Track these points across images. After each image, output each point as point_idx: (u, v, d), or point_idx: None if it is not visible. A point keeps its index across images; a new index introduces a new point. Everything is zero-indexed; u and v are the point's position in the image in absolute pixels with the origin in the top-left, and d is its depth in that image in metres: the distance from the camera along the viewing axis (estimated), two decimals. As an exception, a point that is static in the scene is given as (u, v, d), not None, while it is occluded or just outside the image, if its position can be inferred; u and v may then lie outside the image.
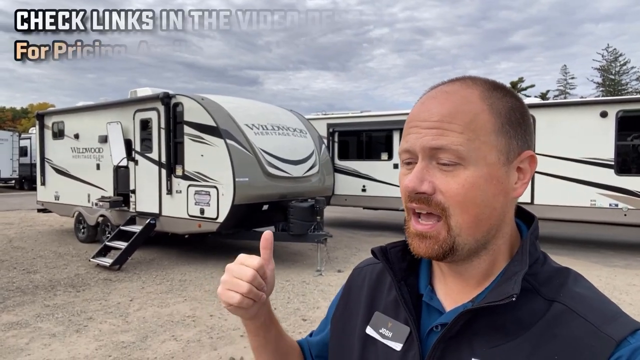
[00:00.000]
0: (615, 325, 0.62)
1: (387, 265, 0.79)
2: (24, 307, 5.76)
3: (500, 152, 0.68)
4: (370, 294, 0.84)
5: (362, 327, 0.81)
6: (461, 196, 0.66)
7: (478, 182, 0.66)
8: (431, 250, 0.68)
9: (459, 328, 0.68)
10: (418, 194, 0.68)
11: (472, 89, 0.70)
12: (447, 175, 0.66)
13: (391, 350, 0.74)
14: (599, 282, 6.84)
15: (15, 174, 23.51)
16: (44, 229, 11.92)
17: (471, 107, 0.68)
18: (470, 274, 0.72)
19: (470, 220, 0.67)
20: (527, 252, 0.69)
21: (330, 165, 9.65)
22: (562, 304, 0.65)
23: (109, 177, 9.39)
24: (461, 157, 0.66)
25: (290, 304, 5.91)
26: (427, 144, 0.67)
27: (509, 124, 0.69)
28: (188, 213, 7.82)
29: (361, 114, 12.50)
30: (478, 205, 0.67)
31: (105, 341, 4.68)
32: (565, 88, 41.45)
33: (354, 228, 12.52)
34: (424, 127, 0.68)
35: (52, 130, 11.00)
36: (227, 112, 7.78)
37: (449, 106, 0.68)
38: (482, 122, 0.67)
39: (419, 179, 0.67)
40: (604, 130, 8.93)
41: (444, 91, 0.71)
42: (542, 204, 9.36)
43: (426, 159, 0.68)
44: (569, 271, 0.72)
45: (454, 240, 0.67)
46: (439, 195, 0.67)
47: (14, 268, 7.71)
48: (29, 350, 4.45)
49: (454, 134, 0.66)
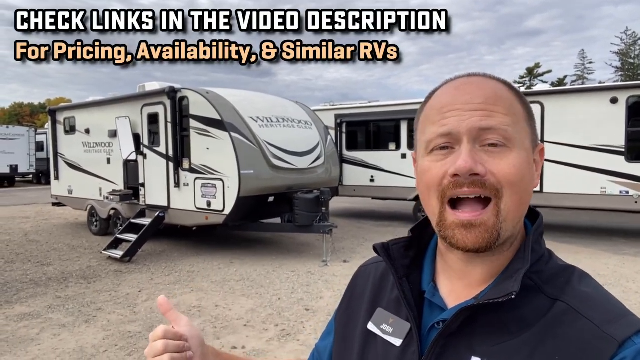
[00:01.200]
0: (618, 325, 0.61)
1: (388, 261, 0.78)
2: (36, 298, 5.94)
3: (531, 140, 0.70)
4: (373, 291, 0.84)
5: (364, 323, 0.81)
6: (513, 176, 0.65)
7: (523, 165, 0.67)
8: (481, 240, 0.65)
9: (459, 325, 0.67)
10: (472, 175, 0.64)
11: (496, 81, 0.71)
12: (495, 157, 0.65)
13: (391, 345, 0.74)
14: (607, 270, 6.79)
15: (32, 168, 23.99)
16: (59, 222, 12.20)
17: (507, 94, 0.69)
18: (482, 271, 0.71)
19: (516, 204, 0.66)
20: (530, 250, 0.68)
21: (337, 157, 9.68)
22: (566, 303, 0.64)
23: (119, 171, 9.56)
24: (508, 139, 0.65)
25: (294, 294, 6.00)
26: (475, 124, 0.65)
27: (530, 115, 0.72)
28: (195, 206, 7.94)
29: (369, 104, 12.47)
30: (523, 189, 0.67)
31: (113, 331, 4.82)
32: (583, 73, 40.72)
33: (362, 218, 12.56)
34: (467, 109, 0.66)
35: (64, 126, 11.22)
36: (232, 105, 7.85)
37: (489, 90, 0.68)
38: (518, 109, 0.69)
39: (473, 159, 0.64)
40: (614, 116, 8.78)
41: (476, 79, 0.71)
42: (552, 192, 9.26)
43: (472, 141, 0.66)
44: (574, 269, 0.71)
45: (501, 227, 0.65)
46: (492, 177, 0.65)
47: (29, 261, 7.93)
48: (39, 340, 4.61)
49: (501, 115, 0.66)
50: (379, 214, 13.41)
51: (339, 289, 6.12)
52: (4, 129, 23.68)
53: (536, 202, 9.34)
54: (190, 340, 0.77)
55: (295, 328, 4.87)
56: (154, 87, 8.99)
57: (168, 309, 0.78)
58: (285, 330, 4.80)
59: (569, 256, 7.63)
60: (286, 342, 4.53)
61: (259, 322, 5.01)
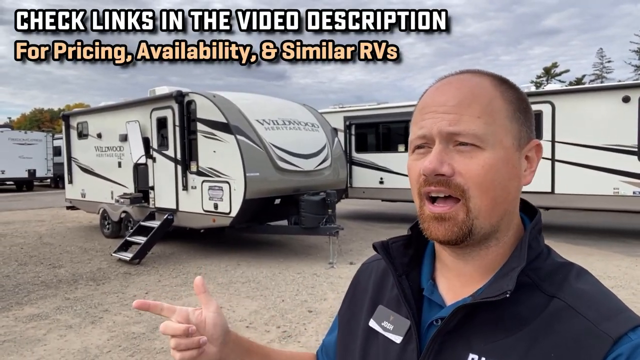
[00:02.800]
0: (614, 322, 0.62)
1: (387, 259, 0.79)
2: (46, 300, 6.06)
3: (514, 137, 0.69)
4: (375, 289, 0.85)
5: (366, 320, 0.82)
6: (481, 177, 0.66)
7: (496, 165, 0.67)
8: (450, 232, 0.67)
9: (457, 322, 0.68)
10: (437, 175, 0.67)
11: (482, 78, 0.72)
12: (465, 157, 0.67)
13: (391, 342, 0.75)
14: (618, 271, 6.66)
15: (49, 173, 24.46)
16: (73, 225, 12.42)
17: (486, 92, 0.70)
18: (474, 267, 0.72)
19: (488, 203, 0.67)
20: (526, 247, 0.69)
21: (344, 159, 9.68)
22: (562, 300, 0.65)
23: (129, 175, 9.70)
24: (479, 139, 0.66)
25: (298, 295, 6.01)
26: (444, 129, 0.67)
27: (519, 111, 0.71)
28: (203, 208, 8.01)
29: (378, 105, 12.45)
30: (496, 188, 0.67)
31: (118, 332, 4.89)
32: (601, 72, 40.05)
33: (371, 220, 12.53)
34: (440, 111, 0.68)
35: (77, 131, 11.43)
36: (238, 108, 7.91)
37: (466, 91, 0.69)
38: (498, 107, 0.69)
39: (439, 160, 0.67)
40: (626, 115, 8.62)
41: (458, 78, 0.72)
42: (564, 192, 9.13)
43: (443, 142, 0.68)
44: (573, 266, 0.71)
45: (472, 223, 0.67)
46: (459, 177, 0.66)
47: (41, 263, 8.09)
48: (46, 340, 4.69)
49: (472, 117, 0.67)
50: (388, 216, 13.36)
51: (343, 291, 6.07)
52: (22, 134, 24.20)
53: (547, 204, 9.23)
54: (213, 327, 0.79)
55: (297, 330, 4.88)
56: (164, 92, 9.12)
57: (202, 291, 0.81)
58: (287, 332, 4.82)
59: (580, 258, 7.51)
60: (287, 343, 4.54)
61: (261, 324, 5.04)
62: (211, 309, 0.81)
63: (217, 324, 0.80)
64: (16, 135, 23.68)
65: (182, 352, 0.76)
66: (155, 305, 0.80)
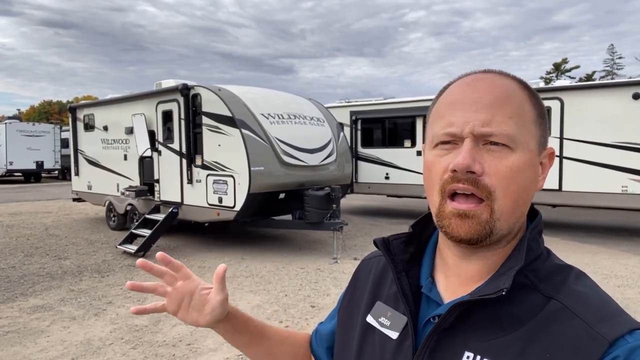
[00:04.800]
0: (610, 324, 0.62)
1: (387, 256, 0.80)
2: (50, 291, 6.09)
3: (538, 142, 0.70)
4: (374, 284, 0.85)
5: (364, 315, 0.83)
6: (508, 179, 0.66)
7: (524, 167, 0.67)
8: (473, 231, 0.67)
9: (454, 320, 0.68)
10: (468, 172, 0.66)
11: (509, 80, 0.71)
12: (495, 157, 0.66)
13: (388, 338, 0.76)
14: (625, 271, 6.58)
15: (57, 164, 24.61)
16: (79, 217, 12.49)
17: (517, 94, 0.69)
18: (476, 267, 0.72)
19: (511, 205, 0.67)
20: (525, 248, 0.69)
21: (349, 154, 9.63)
22: (560, 301, 0.65)
23: (135, 167, 9.72)
24: (511, 140, 0.66)
25: (301, 290, 6.00)
26: (477, 130, 0.66)
27: (541, 117, 0.71)
28: (207, 202, 8.01)
29: (384, 100, 12.37)
30: (520, 190, 0.67)
31: (120, 324, 4.91)
32: (612, 68, 39.59)
33: (376, 216, 12.49)
34: (473, 109, 0.67)
35: (83, 123, 11.47)
36: (244, 102, 7.88)
37: (499, 90, 0.68)
38: (527, 110, 0.69)
39: (472, 157, 0.66)
40: (636, 112, 8.51)
41: (487, 76, 0.71)
42: (571, 190, 9.05)
43: (474, 140, 0.67)
44: (571, 268, 0.71)
45: (494, 225, 0.67)
46: (487, 178, 0.66)
47: (47, 254, 8.14)
48: (49, 332, 4.72)
49: (505, 117, 0.66)
50: (393, 212, 13.31)
51: (346, 287, 6.09)
52: (30, 126, 24.35)
53: (555, 201, 9.14)
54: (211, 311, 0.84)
55: (299, 325, 4.87)
56: (170, 85, 9.11)
57: (219, 279, 0.85)
58: (289, 326, 4.81)
59: (587, 256, 7.45)
60: (288, 338, 4.53)
61: (263, 318, 5.03)
62: (219, 297, 0.84)
63: (216, 311, 0.84)
64: (24, 127, 23.83)
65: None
66: (175, 265, 0.86)
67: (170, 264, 0.84)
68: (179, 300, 0.85)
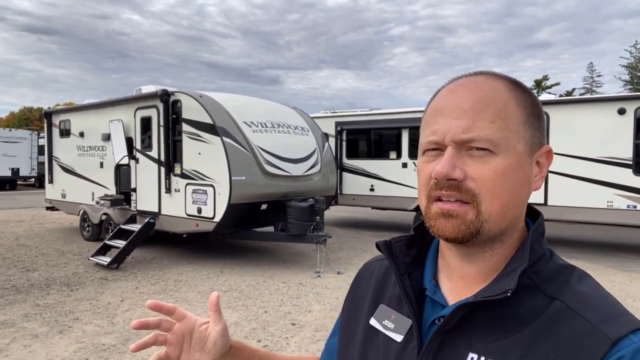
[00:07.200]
0: (614, 324, 0.61)
1: (390, 259, 0.79)
2: (14, 306, 5.71)
3: (527, 143, 0.69)
4: (376, 288, 0.85)
5: (367, 318, 0.82)
6: (492, 182, 0.66)
7: (508, 170, 0.66)
8: (457, 230, 0.67)
9: (457, 321, 0.68)
10: (449, 180, 0.66)
11: (497, 81, 0.71)
12: (477, 162, 0.66)
13: (392, 341, 0.75)
14: (613, 287, 6.46)
15: (34, 172, 23.92)
16: (52, 227, 12.01)
17: (501, 96, 0.68)
18: (478, 269, 0.72)
19: (499, 208, 0.66)
20: (528, 249, 0.68)
21: (334, 165, 9.42)
22: (563, 302, 0.65)
23: (111, 176, 9.36)
24: (493, 144, 0.66)
25: (282, 306, 5.72)
26: (457, 136, 0.66)
27: (533, 116, 0.70)
28: (186, 212, 7.70)
29: (370, 111, 12.24)
30: (507, 193, 0.67)
31: (86, 343, 4.57)
32: (591, 86, 40.43)
33: (361, 228, 12.28)
34: (454, 116, 0.67)
35: (59, 129, 11.06)
36: (226, 109, 7.63)
37: (480, 94, 0.68)
38: (512, 112, 0.68)
39: (451, 165, 0.66)
40: (622, 128, 8.50)
41: (472, 80, 0.71)
42: (557, 205, 8.97)
43: (456, 147, 0.67)
44: (574, 269, 0.71)
45: (481, 225, 0.66)
46: (470, 182, 0.66)
47: (14, 266, 7.71)
48: (8, 351, 4.36)
49: (486, 122, 0.66)
50: (378, 224, 13.12)
51: (329, 303, 5.83)
52: (6, 132, 23.65)
53: (540, 215, 9.04)
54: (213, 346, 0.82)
55: (279, 344, 4.59)
56: (149, 90, 8.81)
57: (215, 309, 0.82)
58: (268, 346, 4.53)
59: (573, 272, 7.29)
60: (267, 359, 4.24)
61: (240, 337, 4.73)
62: (217, 328, 0.82)
63: (218, 344, 0.82)
64: (0, 132, 23.13)
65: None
66: (169, 308, 0.82)
67: (163, 309, 0.82)
68: (180, 342, 0.83)
